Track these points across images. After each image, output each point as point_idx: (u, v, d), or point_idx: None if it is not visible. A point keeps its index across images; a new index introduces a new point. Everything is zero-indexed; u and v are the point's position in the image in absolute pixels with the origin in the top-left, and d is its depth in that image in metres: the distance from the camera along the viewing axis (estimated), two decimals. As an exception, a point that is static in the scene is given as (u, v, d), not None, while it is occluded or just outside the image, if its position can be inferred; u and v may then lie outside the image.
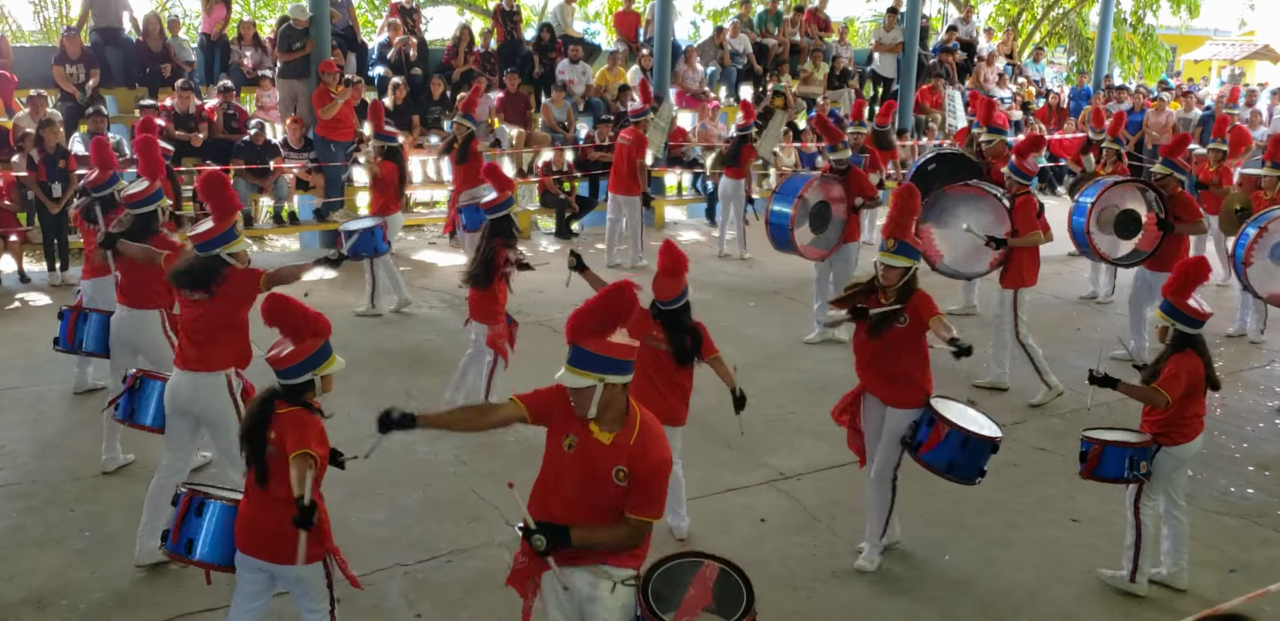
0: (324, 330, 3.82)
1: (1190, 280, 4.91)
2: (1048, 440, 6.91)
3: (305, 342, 3.75)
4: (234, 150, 11.50)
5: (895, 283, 4.98)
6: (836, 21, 18.53)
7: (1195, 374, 4.87)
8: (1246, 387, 8.06)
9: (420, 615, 4.80)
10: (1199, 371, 4.89)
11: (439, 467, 6.35)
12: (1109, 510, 5.90)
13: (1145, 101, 16.95)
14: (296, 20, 12.10)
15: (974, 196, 7.84)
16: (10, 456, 6.35)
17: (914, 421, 5.04)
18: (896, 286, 4.99)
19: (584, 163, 13.33)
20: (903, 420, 5.06)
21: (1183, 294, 4.89)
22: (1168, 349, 4.96)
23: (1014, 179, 7.48)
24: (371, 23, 20.77)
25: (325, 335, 3.83)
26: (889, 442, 5.13)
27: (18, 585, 4.94)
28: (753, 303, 10.23)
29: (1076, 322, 9.76)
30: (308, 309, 3.78)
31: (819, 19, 17.35)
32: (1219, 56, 30.84)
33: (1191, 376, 4.85)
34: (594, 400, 3.36)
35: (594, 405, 3.37)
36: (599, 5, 25.45)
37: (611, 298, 3.47)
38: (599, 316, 3.42)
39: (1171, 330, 4.92)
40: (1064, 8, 26.15)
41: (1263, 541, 5.62)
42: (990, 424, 5.11)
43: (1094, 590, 5.10)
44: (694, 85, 15.15)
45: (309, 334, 3.76)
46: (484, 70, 13.81)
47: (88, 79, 11.61)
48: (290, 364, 3.72)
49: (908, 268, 4.97)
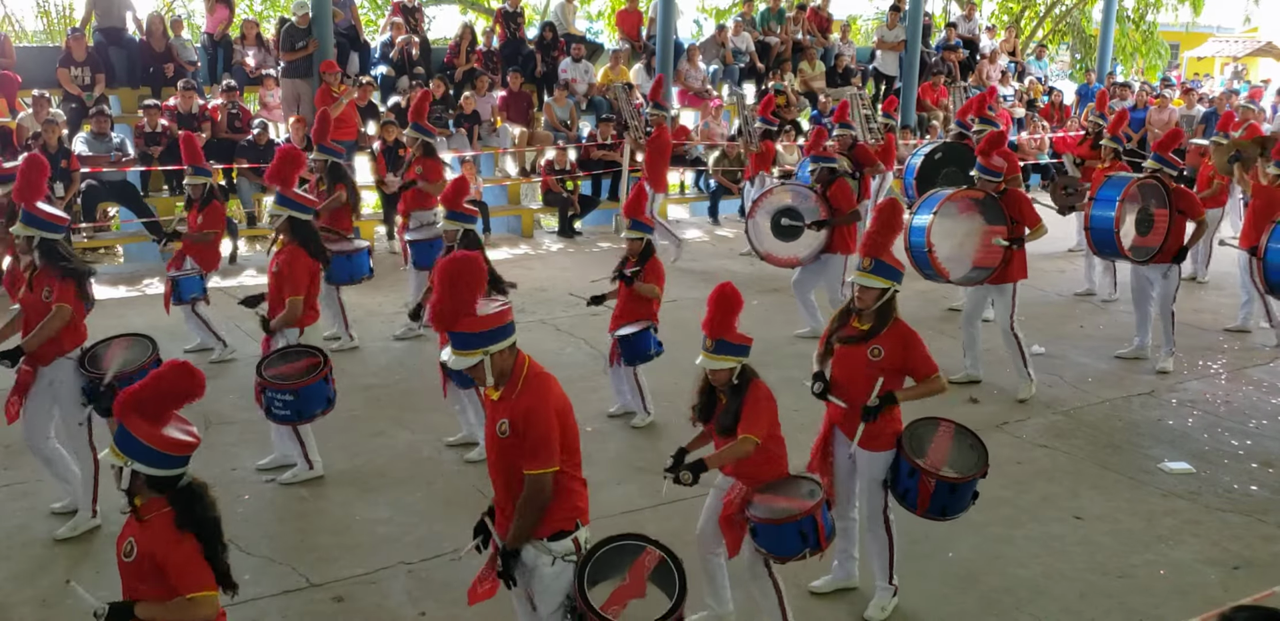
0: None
1: (732, 310, 4.32)
2: (1050, 437, 6.91)
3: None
4: (237, 150, 11.53)
5: (870, 305, 4.60)
6: (839, 20, 18.52)
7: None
8: (1250, 384, 8.05)
9: (424, 613, 4.81)
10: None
11: (442, 466, 6.36)
12: (1113, 507, 5.91)
13: (1148, 98, 16.93)
14: (299, 18, 12.12)
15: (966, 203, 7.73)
16: (15, 456, 6.36)
17: (891, 465, 4.66)
18: (872, 309, 4.61)
19: (587, 161, 13.34)
20: (876, 463, 4.67)
21: (729, 326, 4.29)
22: (734, 390, 4.28)
23: (984, 178, 7.44)
24: (374, 22, 20.78)
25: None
26: (870, 488, 4.75)
27: (23, 584, 4.96)
28: (755, 301, 10.22)
29: (1079, 320, 9.75)
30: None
31: (820, 17, 17.34)
32: (1222, 53, 30.77)
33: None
34: (487, 371, 3.50)
35: (489, 374, 3.51)
36: (601, 4, 25.46)
37: (459, 271, 3.46)
38: (453, 298, 3.45)
39: (739, 367, 4.27)
40: (1066, 5, 26.12)
41: (1267, 538, 5.62)
42: (967, 439, 4.73)
43: (1098, 587, 5.09)
44: (696, 84, 15.15)
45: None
46: (486, 69, 13.83)
47: (93, 81, 11.64)
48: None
49: (884, 289, 4.58)
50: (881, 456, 4.67)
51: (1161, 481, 6.28)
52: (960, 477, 4.54)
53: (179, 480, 3.26)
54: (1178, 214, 7.91)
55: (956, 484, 4.53)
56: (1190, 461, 6.54)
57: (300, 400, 5.65)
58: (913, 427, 4.71)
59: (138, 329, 8.71)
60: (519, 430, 3.48)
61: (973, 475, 4.57)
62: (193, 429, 3.36)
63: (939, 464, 4.57)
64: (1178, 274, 8.11)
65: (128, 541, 3.23)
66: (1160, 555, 5.40)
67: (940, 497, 4.56)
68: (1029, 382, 7.58)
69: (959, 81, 17.26)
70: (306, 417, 5.77)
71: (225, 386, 7.60)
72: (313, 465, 6.08)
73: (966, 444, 4.72)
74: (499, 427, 3.53)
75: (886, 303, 4.63)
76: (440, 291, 3.46)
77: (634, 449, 6.59)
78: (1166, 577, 5.20)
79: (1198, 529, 5.69)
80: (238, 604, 4.79)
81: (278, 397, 5.66)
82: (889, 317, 4.63)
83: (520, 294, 10.01)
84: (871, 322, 4.63)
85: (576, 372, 7.72)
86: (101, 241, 12.00)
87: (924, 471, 4.52)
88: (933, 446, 4.68)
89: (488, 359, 3.48)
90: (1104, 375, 8.21)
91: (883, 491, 4.73)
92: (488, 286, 6.18)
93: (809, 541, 4.13)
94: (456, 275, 3.45)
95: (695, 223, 14.46)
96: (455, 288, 3.44)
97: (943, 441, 4.73)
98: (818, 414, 4.91)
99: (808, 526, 4.12)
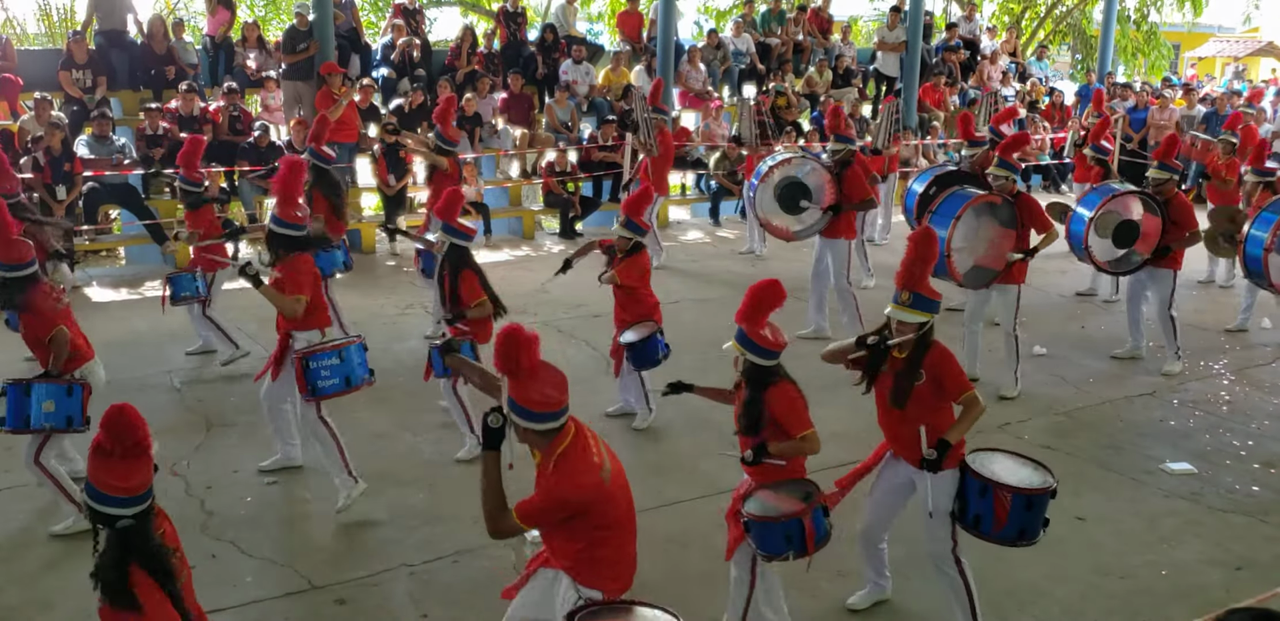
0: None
1: (763, 305, 4.37)
2: (1052, 438, 6.91)
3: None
4: (238, 152, 11.54)
5: (909, 337, 4.38)
6: (839, 21, 18.53)
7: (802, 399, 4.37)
8: (1252, 385, 8.05)
9: (426, 615, 4.81)
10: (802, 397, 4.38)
11: (444, 468, 6.36)
12: (1114, 508, 5.91)
13: (1149, 99, 16.93)
14: (300, 18, 12.14)
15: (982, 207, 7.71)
16: (16, 458, 6.36)
17: (958, 494, 4.40)
18: (911, 340, 4.39)
19: (587, 163, 13.35)
20: (941, 489, 4.39)
21: (755, 321, 4.33)
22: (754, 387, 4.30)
23: (1000, 173, 7.43)
24: (375, 24, 20.79)
25: None
26: (937, 521, 4.44)
27: (25, 586, 4.97)
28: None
29: (1081, 321, 9.76)
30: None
31: (820, 19, 17.34)
32: (1223, 54, 30.77)
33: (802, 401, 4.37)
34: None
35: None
36: (602, 6, 25.48)
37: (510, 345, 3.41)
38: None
39: (743, 361, 4.31)
40: (1067, 5, 26.12)
41: (1269, 539, 5.61)
42: (1028, 463, 4.54)
43: (1099, 588, 5.09)
44: (697, 85, 15.16)
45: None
46: (487, 71, 13.83)
47: (94, 84, 11.65)
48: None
49: (924, 323, 4.37)
50: (944, 476, 4.38)
51: (1163, 482, 6.28)
52: (1036, 489, 4.30)
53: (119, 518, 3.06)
54: (1172, 224, 7.89)
55: (1032, 497, 4.28)
56: (1192, 462, 6.53)
57: (345, 362, 5.62)
58: (972, 456, 4.49)
59: (139, 332, 8.77)
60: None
61: (1048, 487, 4.32)
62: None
63: (1008, 482, 4.35)
64: (1173, 278, 8.09)
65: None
66: (1162, 556, 5.40)
67: (1017, 515, 4.28)
68: (1014, 386, 7.65)
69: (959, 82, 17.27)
70: (356, 384, 5.70)
71: (227, 390, 7.61)
72: (356, 479, 5.80)
73: (1030, 468, 4.49)
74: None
75: (926, 333, 4.41)
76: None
77: (635, 450, 6.59)
78: (1168, 578, 5.20)
79: (1200, 529, 5.69)
80: (240, 607, 4.81)
81: (324, 366, 5.56)
82: (928, 343, 4.41)
83: (521, 295, 10.04)
84: (910, 350, 4.40)
85: (578, 374, 7.69)
86: (103, 244, 12.01)
87: (997, 486, 4.28)
88: (999, 469, 4.44)
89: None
90: (1105, 376, 8.21)
91: (950, 524, 4.44)
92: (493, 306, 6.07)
93: (794, 544, 4.11)
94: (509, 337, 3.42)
95: (696, 223, 14.47)
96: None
97: (1008, 464, 4.51)
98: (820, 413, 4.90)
99: (794, 529, 4.10)
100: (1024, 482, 4.34)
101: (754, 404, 4.27)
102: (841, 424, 6.31)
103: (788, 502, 4.19)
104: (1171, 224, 7.89)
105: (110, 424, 3.04)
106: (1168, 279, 8.05)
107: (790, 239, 8.97)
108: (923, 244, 4.46)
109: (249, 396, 7.49)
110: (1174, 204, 7.96)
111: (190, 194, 8.07)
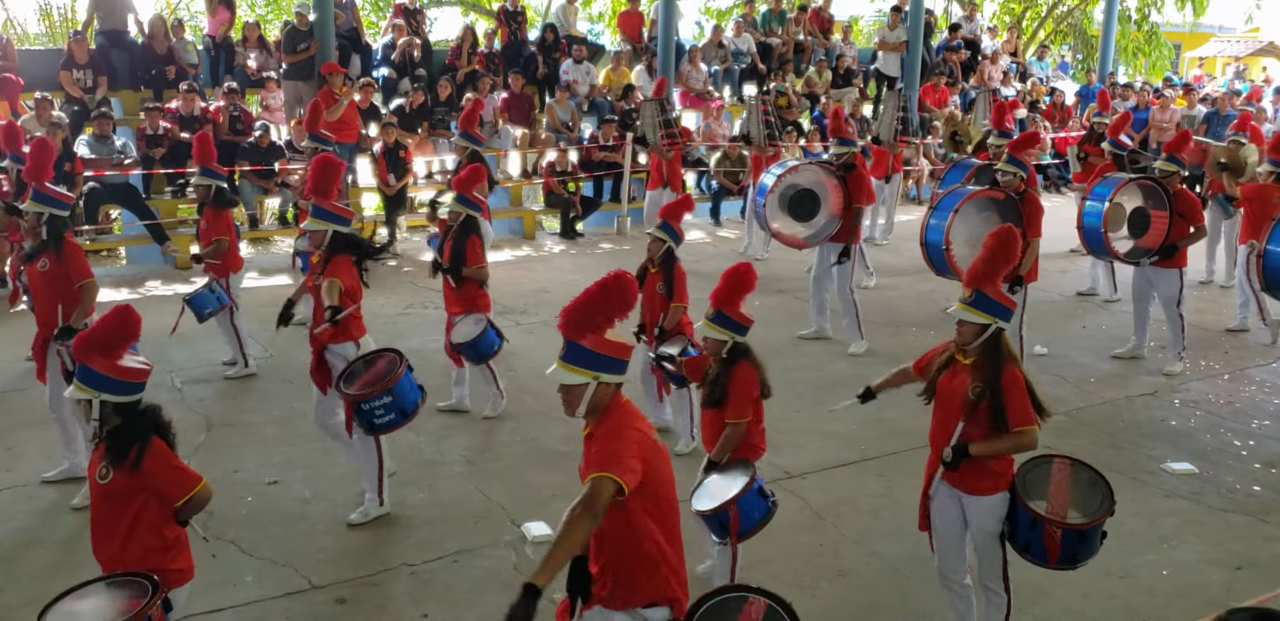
0: None
1: (740, 288, 4.61)
2: (1052, 437, 6.89)
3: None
4: (239, 152, 11.54)
5: (970, 341, 4.14)
6: (840, 21, 18.52)
7: (757, 384, 4.58)
8: (1253, 384, 8.05)
9: (427, 615, 4.81)
10: (758, 381, 4.60)
11: (445, 468, 6.36)
12: (1117, 509, 5.89)
13: (1150, 99, 16.92)
14: (300, 18, 12.14)
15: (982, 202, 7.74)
16: (17, 457, 6.37)
17: (1008, 517, 4.19)
18: (973, 346, 4.14)
19: (588, 163, 13.35)
20: (987, 510, 4.19)
21: (734, 302, 4.57)
22: (723, 363, 4.58)
23: (1008, 169, 7.45)
24: (375, 24, 20.79)
25: None
26: (986, 543, 4.25)
27: (24, 586, 4.97)
28: (758, 301, 10.22)
29: (1081, 320, 9.75)
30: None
31: (821, 18, 17.34)
32: (1224, 54, 30.73)
33: (756, 387, 4.57)
34: (585, 398, 3.20)
35: (583, 404, 3.20)
36: (603, 5, 25.48)
37: (610, 288, 3.20)
38: (596, 309, 3.20)
39: (731, 342, 4.57)
40: (1068, 5, 26.10)
41: (1269, 538, 5.61)
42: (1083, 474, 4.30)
43: (1100, 588, 5.09)
44: (698, 85, 15.16)
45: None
46: (488, 71, 13.83)
47: (95, 84, 11.65)
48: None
49: (985, 325, 4.10)
50: (992, 501, 4.17)
51: (1164, 482, 6.28)
52: (1088, 523, 4.08)
53: (139, 404, 3.76)
54: (1178, 216, 7.90)
55: (1084, 530, 4.09)
56: (1193, 462, 6.53)
57: (397, 397, 5.29)
58: (1024, 470, 4.26)
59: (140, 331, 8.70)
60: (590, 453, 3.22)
61: (1101, 518, 4.11)
62: (142, 358, 3.86)
63: (1062, 508, 4.12)
64: (1179, 276, 8.09)
65: (101, 466, 3.67)
66: (1163, 555, 5.40)
67: (1070, 545, 4.09)
68: None
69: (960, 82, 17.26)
70: (411, 412, 5.40)
71: (228, 390, 7.61)
72: (383, 501, 5.71)
73: (1086, 480, 4.25)
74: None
75: (993, 341, 4.13)
76: (592, 293, 3.20)
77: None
78: (1169, 578, 5.20)
79: (1200, 529, 5.69)
80: (240, 607, 4.81)
81: (376, 406, 5.27)
82: (1000, 356, 4.12)
83: (522, 295, 10.05)
84: (977, 357, 4.15)
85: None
86: (103, 244, 12.01)
87: (1047, 521, 4.07)
88: (1051, 488, 4.21)
89: (593, 385, 3.19)
90: (1106, 375, 8.21)
91: (1000, 546, 4.24)
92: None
93: (729, 530, 4.34)
94: (616, 284, 3.21)
95: (697, 223, 14.46)
96: (606, 296, 3.20)
97: (1060, 480, 4.26)
98: (822, 413, 4.91)
99: (726, 518, 4.30)
100: (1076, 504, 4.11)
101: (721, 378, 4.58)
102: (840, 424, 6.32)
103: (723, 489, 4.40)
104: (1178, 216, 7.90)
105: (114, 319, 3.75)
106: (1174, 277, 8.05)
107: (802, 246, 8.93)
108: (1003, 241, 4.20)
109: (249, 398, 7.51)
110: (1180, 197, 7.99)
111: (221, 193, 7.79)
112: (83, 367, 3.68)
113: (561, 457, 6.24)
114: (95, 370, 3.66)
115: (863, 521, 5.73)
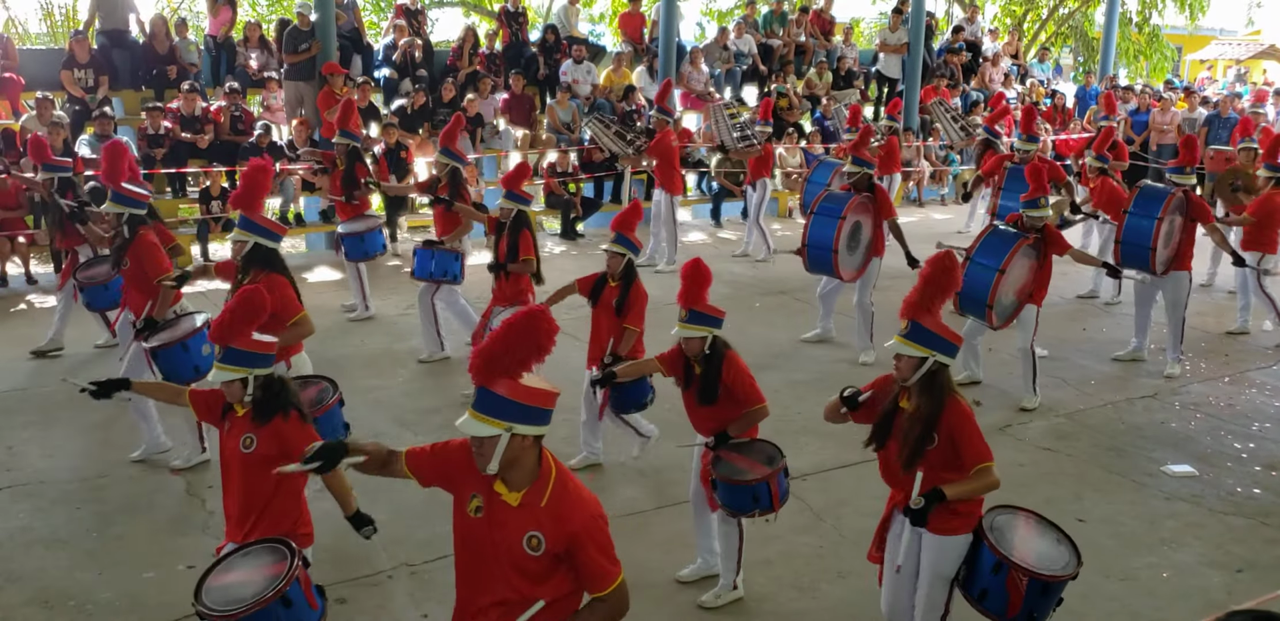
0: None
1: (699, 282, 4.58)
2: (1053, 440, 6.91)
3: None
4: (240, 152, 11.54)
5: (908, 376, 3.81)
6: (841, 22, 18.54)
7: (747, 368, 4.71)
8: (1253, 387, 8.05)
9: (426, 615, 4.81)
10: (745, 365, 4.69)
11: (445, 468, 6.35)
12: (1115, 510, 5.90)
13: (1151, 101, 16.93)
14: (302, 19, 12.14)
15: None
16: (18, 457, 6.37)
17: (966, 560, 3.93)
18: (912, 382, 3.81)
19: (589, 164, 13.35)
20: (945, 553, 3.92)
21: (700, 298, 4.56)
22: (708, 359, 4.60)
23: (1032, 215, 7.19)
24: (376, 25, 20.81)
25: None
26: (933, 585, 3.97)
27: (25, 585, 4.96)
28: (758, 303, 10.23)
29: (1082, 323, 9.75)
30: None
31: (822, 20, 17.35)
32: (1225, 56, 30.73)
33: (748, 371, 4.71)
34: (496, 453, 2.81)
35: (495, 459, 2.82)
36: (604, 6, 25.50)
37: (520, 329, 2.81)
38: (508, 352, 2.81)
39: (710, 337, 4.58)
40: (1069, 8, 26.12)
41: (1269, 541, 5.61)
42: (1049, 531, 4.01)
43: (1100, 590, 5.09)
44: (699, 86, 15.16)
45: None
46: (489, 72, 13.84)
47: (96, 83, 11.65)
48: None
49: (923, 359, 3.78)
50: (952, 543, 3.90)
51: (1164, 484, 6.28)
52: (1060, 575, 3.79)
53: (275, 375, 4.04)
54: (1190, 221, 7.95)
55: (1050, 585, 3.79)
56: (1193, 464, 6.53)
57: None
58: (990, 517, 4.00)
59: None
60: (569, 550, 2.88)
61: (1073, 573, 3.83)
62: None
63: (1027, 560, 3.81)
64: (1187, 279, 8.10)
65: (245, 436, 3.95)
66: (1163, 558, 5.40)
67: (1031, 600, 3.78)
68: (1034, 397, 7.48)
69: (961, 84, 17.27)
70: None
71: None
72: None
73: (1053, 538, 3.98)
74: (527, 541, 2.87)
75: (932, 378, 3.80)
76: (505, 333, 2.82)
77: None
78: (1169, 580, 5.20)
79: (1200, 532, 5.69)
80: (240, 605, 4.79)
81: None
82: (940, 392, 3.80)
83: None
84: (918, 401, 3.81)
85: (579, 376, 7.71)
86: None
87: (1015, 566, 3.75)
88: (1018, 539, 3.92)
89: (505, 437, 2.80)
90: (1107, 378, 8.21)
91: (947, 591, 3.98)
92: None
93: (761, 503, 4.48)
94: (531, 321, 2.82)
95: (698, 224, 14.47)
96: (522, 335, 2.82)
97: (1027, 534, 3.98)
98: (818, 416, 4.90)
99: (761, 491, 4.45)
100: (1043, 558, 3.84)
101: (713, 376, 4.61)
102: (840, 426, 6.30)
103: (753, 466, 4.53)
104: (1190, 221, 7.97)
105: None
106: (1182, 280, 8.05)
107: (854, 278, 8.40)
108: (940, 270, 3.85)
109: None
110: (1192, 203, 8.02)
111: (119, 216, 6.43)
112: (229, 350, 3.89)
113: (562, 458, 6.19)
114: (241, 349, 3.90)
115: (863, 523, 5.70)
